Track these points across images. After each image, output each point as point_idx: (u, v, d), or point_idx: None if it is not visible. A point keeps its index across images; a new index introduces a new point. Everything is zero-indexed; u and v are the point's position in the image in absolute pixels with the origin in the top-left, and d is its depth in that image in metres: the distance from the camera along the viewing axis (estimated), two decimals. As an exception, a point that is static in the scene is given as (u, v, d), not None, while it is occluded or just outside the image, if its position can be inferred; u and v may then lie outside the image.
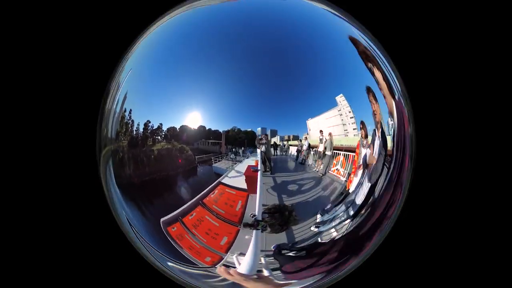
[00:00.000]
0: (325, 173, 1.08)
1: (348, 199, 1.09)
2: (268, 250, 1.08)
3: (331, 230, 1.09)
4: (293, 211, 1.05)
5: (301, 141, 1.06)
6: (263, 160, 1.06)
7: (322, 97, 1.05)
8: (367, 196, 1.10)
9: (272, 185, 1.05)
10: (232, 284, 1.12)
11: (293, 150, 1.07)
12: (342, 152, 1.09)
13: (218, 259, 1.10)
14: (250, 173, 1.05)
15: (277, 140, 1.05)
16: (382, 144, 1.10)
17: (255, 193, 1.04)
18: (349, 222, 1.10)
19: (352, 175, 1.08)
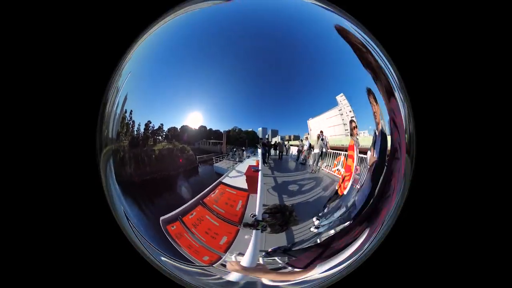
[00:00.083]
0: (318, 170, 1.07)
1: (347, 200, 1.09)
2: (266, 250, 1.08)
3: (330, 231, 1.09)
4: (293, 211, 1.05)
5: (301, 141, 1.06)
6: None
7: (323, 97, 1.05)
8: (368, 197, 1.10)
9: (272, 185, 1.05)
10: (226, 282, 1.12)
11: (294, 150, 1.07)
12: (343, 152, 1.08)
13: (217, 258, 1.10)
14: (251, 173, 1.05)
15: (278, 140, 1.05)
16: (382, 144, 1.10)
17: (256, 193, 1.04)
18: (348, 224, 1.10)
19: (349, 176, 1.08)
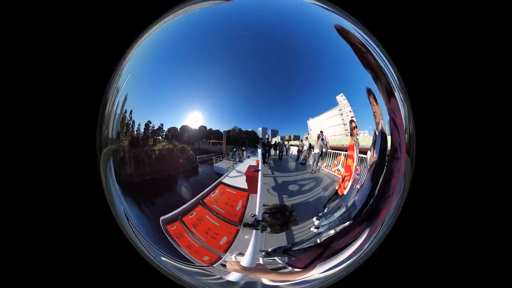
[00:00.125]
0: (318, 170, 1.07)
1: (347, 200, 1.09)
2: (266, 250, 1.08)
3: (330, 231, 1.09)
4: (293, 211, 1.05)
5: (301, 141, 1.06)
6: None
7: (323, 97, 1.05)
8: (368, 197, 1.10)
9: (273, 185, 1.05)
10: (226, 282, 1.12)
11: (294, 150, 1.07)
12: (343, 152, 1.08)
13: (217, 258, 1.09)
14: (251, 173, 1.05)
15: (278, 140, 1.05)
16: (382, 144, 1.10)
17: (256, 193, 1.04)
18: (348, 224, 1.10)
19: (349, 176, 1.08)
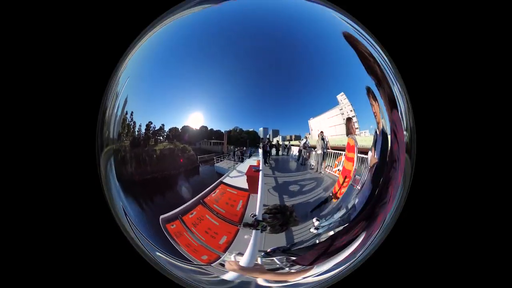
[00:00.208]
0: (318, 169, 1.07)
1: (347, 201, 1.09)
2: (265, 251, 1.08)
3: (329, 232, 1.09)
4: (293, 212, 1.05)
5: (302, 141, 1.06)
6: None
7: (324, 96, 1.05)
8: (368, 198, 1.10)
9: (273, 185, 1.05)
10: (220, 280, 1.12)
11: (295, 150, 1.06)
12: (344, 153, 1.08)
13: (215, 257, 1.09)
14: (252, 173, 1.04)
15: (279, 140, 1.05)
16: (383, 144, 1.10)
17: (256, 193, 1.04)
18: (347, 225, 1.10)
19: (348, 179, 1.08)
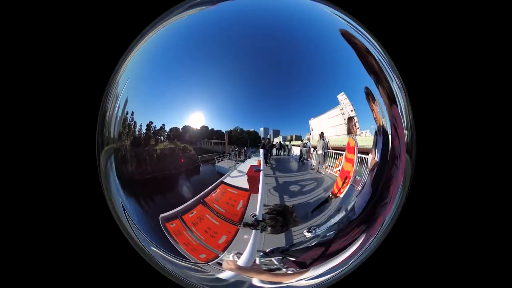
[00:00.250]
0: (317, 169, 1.07)
1: (347, 202, 1.09)
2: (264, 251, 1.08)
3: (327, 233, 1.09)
4: (293, 212, 1.05)
5: (303, 141, 1.06)
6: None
7: (325, 96, 1.04)
8: (368, 199, 1.10)
9: (274, 185, 1.05)
10: (215, 279, 1.12)
11: (295, 150, 1.06)
12: (344, 153, 1.08)
13: (213, 256, 1.10)
14: (253, 173, 1.04)
15: (280, 140, 1.05)
16: (384, 144, 1.10)
17: (257, 193, 1.04)
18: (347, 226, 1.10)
19: (348, 180, 1.08)
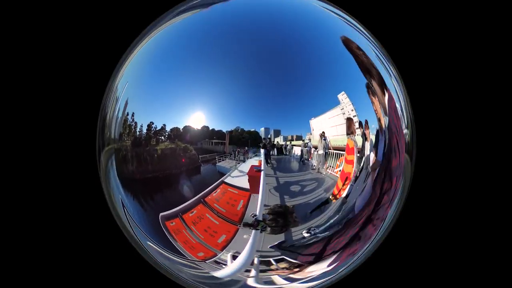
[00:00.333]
0: (318, 169, 1.07)
1: (347, 203, 1.09)
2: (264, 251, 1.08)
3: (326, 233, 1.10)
4: (293, 213, 1.05)
5: (303, 141, 1.05)
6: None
7: (325, 96, 1.04)
8: (367, 200, 1.10)
9: (274, 186, 1.05)
10: (211, 277, 1.12)
11: (296, 150, 1.06)
12: (345, 153, 1.08)
13: (212, 255, 1.10)
14: (253, 173, 1.04)
15: (280, 140, 1.05)
16: (384, 143, 1.10)
17: (258, 193, 1.04)
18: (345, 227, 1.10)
19: (348, 181, 1.08)
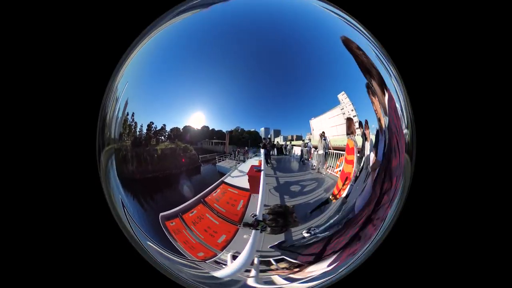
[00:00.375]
0: (318, 169, 1.07)
1: (346, 203, 1.08)
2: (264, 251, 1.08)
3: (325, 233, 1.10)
4: (293, 213, 1.05)
5: (303, 141, 1.05)
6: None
7: (325, 96, 1.04)
8: (367, 200, 1.10)
9: (274, 186, 1.05)
10: (211, 277, 1.12)
11: (296, 150, 1.06)
12: (345, 153, 1.08)
13: (211, 255, 1.10)
14: (253, 173, 1.04)
15: (280, 140, 1.05)
16: (384, 143, 1.10)
17: (258, 193, 1.04)
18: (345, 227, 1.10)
19: (348, 181, 1.08)
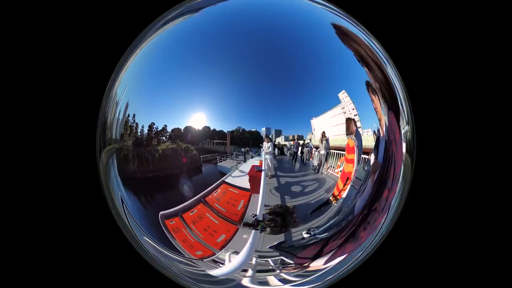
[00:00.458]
0: (319, 169, 1.07)
1: (346, 204, 1.09)
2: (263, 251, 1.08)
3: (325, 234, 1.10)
4: (294, 213, 1.05)
5: (304, 141, 1.05)
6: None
7: (326, 96, 1.04)
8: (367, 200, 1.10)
9: (275, 186, 1.05)
10: (206, 274, 1.13)
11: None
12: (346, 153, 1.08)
13: (210, 254, 1.10)
14: (254, 173, 1.04)
15: (281, 140, 1.05)
16: (385, 144, 1.10)
17: (258, 193, 1.04)
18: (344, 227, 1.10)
19: (349, 181, 1.08)
